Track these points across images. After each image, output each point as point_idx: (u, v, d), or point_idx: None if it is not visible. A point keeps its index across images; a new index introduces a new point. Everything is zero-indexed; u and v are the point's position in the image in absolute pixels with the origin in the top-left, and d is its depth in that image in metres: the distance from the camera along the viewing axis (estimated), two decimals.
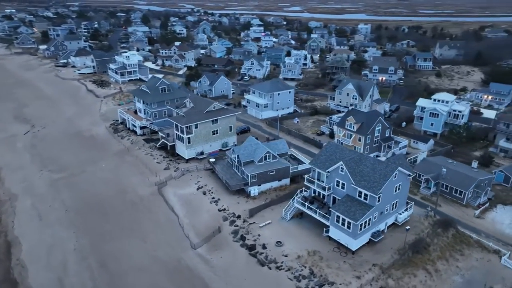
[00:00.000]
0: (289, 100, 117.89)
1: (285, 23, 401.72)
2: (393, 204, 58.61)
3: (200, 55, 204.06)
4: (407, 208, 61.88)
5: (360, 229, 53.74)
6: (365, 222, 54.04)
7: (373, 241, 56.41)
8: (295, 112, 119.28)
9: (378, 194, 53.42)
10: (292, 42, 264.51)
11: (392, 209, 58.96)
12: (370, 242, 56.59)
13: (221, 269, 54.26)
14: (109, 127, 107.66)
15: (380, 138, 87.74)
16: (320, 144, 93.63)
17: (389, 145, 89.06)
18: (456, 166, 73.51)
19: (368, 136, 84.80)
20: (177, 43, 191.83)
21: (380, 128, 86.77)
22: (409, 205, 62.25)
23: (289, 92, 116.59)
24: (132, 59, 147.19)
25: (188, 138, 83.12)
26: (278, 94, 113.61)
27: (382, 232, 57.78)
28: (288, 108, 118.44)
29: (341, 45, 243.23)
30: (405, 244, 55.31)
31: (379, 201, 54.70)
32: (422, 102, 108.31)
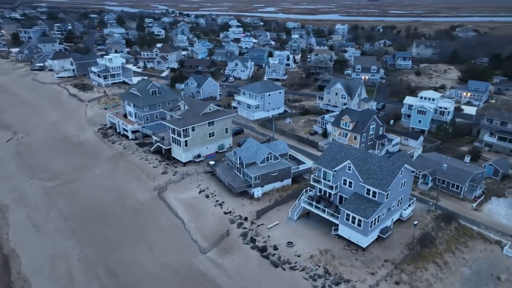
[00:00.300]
0: (280, 101, 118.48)
1: (262, 24, 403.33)
2: (399, 201, 60.06)
3: (182, 57, 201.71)
4: (410, 204, 63.59)
5: (371, 226, 54.73)
6: (375, 219, 55.08)
7: (382, 238, 57.60)
8: (286, 113, 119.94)
9: (387, 191, 54.57)
10: (272, 43, 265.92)
11: (398, 205, 60.38)
12: (379, 239, 57.73)
13: (235, 273, 53.85)
14: (98, 132, 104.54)
15: (374, 136, 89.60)
16: (315, 144, 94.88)
17: (383, 143, 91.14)
18: (451, 162, 76.03)
19: (364, 135, 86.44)
20: (159, 45, 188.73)
21: (374, 126, 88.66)
22: (411, 201, 64.00)
23: (280, 93, 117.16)
24: (115, 62, 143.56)
25: (185, 141, 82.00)
26: (269, 95, 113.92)
27: (389, 228, 59.09)
28: (279, 109, 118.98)
29: (321, 45, 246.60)
30: (413, 239, 56.77)
31: (387, 198, 55.89)
32: (409, 100, 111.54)
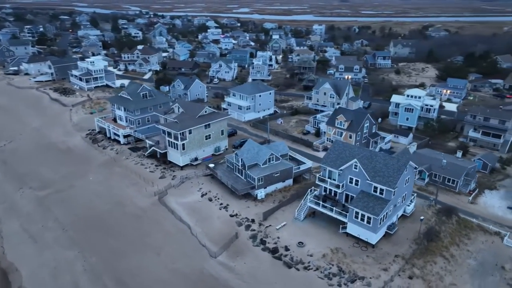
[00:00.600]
0: (270, 101, 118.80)
1: (239, 25, 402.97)
2: (403, 197, 61.48)
3: (163, 59, 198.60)
4: (412, 200, 65.23)
5: (380, 223, 55.74)
6: (384, 216, 56.15)
7: (389, 234, 58.79)
8: (276, 113, 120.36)
9: (395, 188, 55.75)
10: (252, 44, 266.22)
11: (402, 202, 61.82)
12: (386, 235, 58.88)
13: (248, 275, 53.50)
14: (86, 137, 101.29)
15: (368, 135, 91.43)
16: (310, 143, 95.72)
17: (376, 141, 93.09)
18: (445, 157, 78.61)
19: (358, 133, 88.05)
20: (140, 47, 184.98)
21: (368, 125, 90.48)
22: (413, 197, 65.67)
23: (270, 93, 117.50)
24: (98, 65, 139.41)
25: (183, 145, 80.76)
26: (260, 96, 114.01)
27: (395, 224, 60.39)
28: (269, 109, 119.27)
29: (301, 46, 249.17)
30: (420, 234, 58.26)
31: (394, 195, 57.09)
32: (396, 99, 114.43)
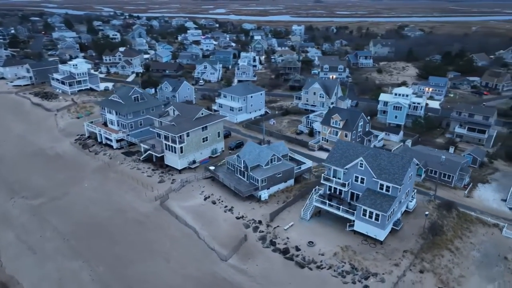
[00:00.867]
0: (261, 102, 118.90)
1: (218, 26, 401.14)
2: (406, 193, 62.97)
3: (146, 61, 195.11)
4: (413, 196, 66.90)
5: (387, 220, 56.85)
6: (391, 212, 57.29)
7: (395, 230, 60.04)
8: (267, 114, 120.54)
9: (401, 185, 57.00)
10: (233, 45, 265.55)
11: (405, 198, 63.29)
12: (392, 231, 60.08)
13: (261, 277, 53.34)
14: (75, 143, 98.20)
15: (362, 133, 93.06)
16: (305, 143, 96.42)
17: (369, 139, 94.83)
18: (439, 153, 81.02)
19: (353, 132, 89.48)
20: (122, 49, 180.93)
21: (362, 123, 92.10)
22: (413, 192, 67.35)
23: (261, 94, 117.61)
24: (81, 68, 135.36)
25: (181, 148, 79.65)
26: (251, 97, 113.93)
27: (400, 220, 61.74)
28: (260, 110, 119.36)
29: (282, 46, 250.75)
30: (424, 229, 59.80)
31: (400, 191, 58.37)
32: (384, 97, 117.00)
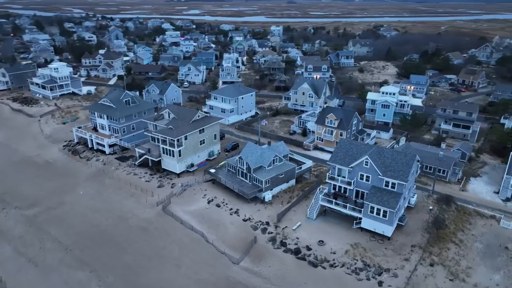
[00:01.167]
0: (252, 103, 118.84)
1: (195, 27, 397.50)
2: (409, 189, 64.63)
3: (127, 63, 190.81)
4: (414, 191, 68.76)
5: (395, 216, 58.18)
6: (397, 209, 58.67)
7: (401, 225, 61.53)
8: (257, 115, 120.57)
9: (407, 181, 58.45)
10: (213, 46, 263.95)
11: (408, 194, 64.96)
12: (397, 227, 61.46)
13: (276, 278, 53.38)
14: (64, 149, 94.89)
15: (356, 132, 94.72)
16: (300, 143, 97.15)
17: (363, 137, 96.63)
18: (432, 149, 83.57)
19: (348, 131, 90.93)
20: (102, 51, 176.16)
21: (356, 122, 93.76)
22: (414, 188, 69.21)
23: (251, 95, 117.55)
24: (62, 71, 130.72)
25: (179, 151, 78.50)
26: (242, 98, 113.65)
27: (405, 216, 63.32)
28: (251, 111, 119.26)
29: (263, 47, 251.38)
30: (429, 223, 61.57)
31: (405, 188, 59.85)
32: (372, 96, 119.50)
